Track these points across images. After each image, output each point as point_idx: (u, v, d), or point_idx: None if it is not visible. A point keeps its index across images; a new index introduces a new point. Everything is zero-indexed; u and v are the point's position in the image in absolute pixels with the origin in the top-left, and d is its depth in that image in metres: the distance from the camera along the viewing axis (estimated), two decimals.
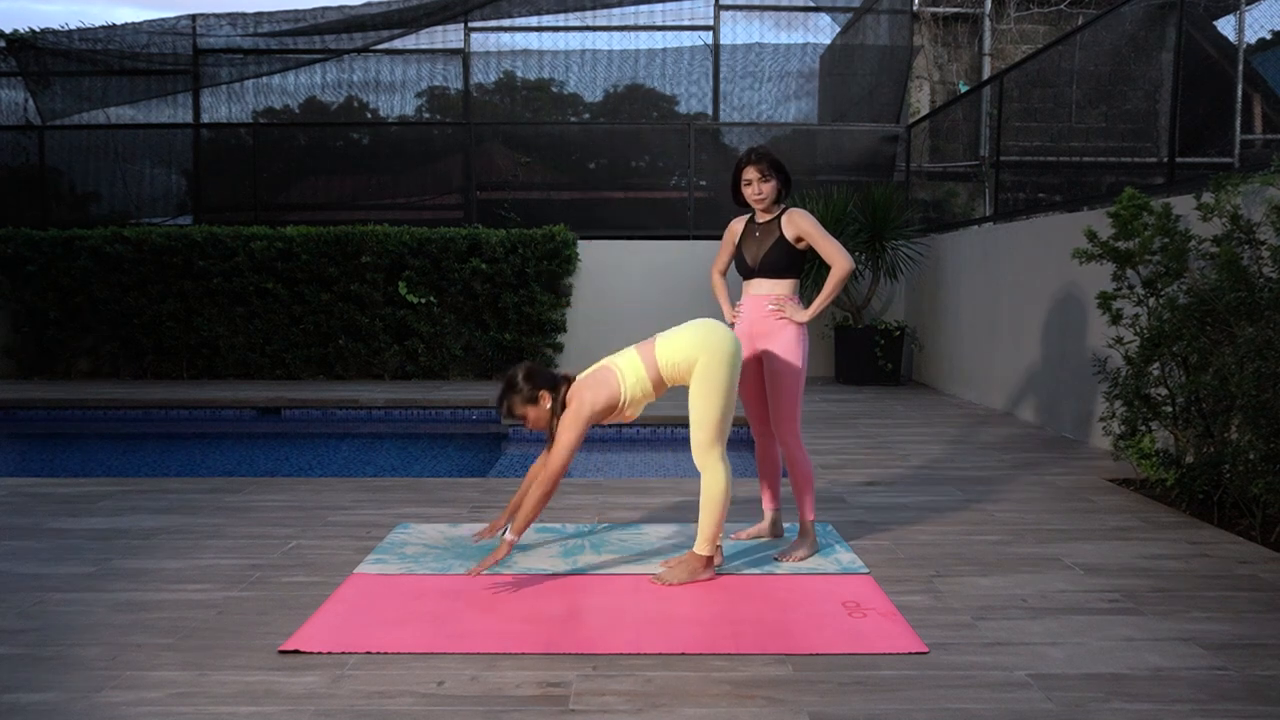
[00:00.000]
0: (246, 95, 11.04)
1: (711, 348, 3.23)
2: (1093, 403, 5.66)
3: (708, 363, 3.22)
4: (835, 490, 4.70)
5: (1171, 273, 4.39)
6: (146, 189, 10.68)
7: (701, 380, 3.23)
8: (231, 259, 9.24)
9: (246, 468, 6.15)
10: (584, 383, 3.29)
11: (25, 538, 3.86)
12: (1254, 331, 3.79)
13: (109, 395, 8.06)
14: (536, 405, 3.30)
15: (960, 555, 3.64)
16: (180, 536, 3.89)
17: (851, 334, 9.12)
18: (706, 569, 3.32)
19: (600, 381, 3.27)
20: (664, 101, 11.33)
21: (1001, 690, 2.48)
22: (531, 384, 3.31)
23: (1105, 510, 4.30)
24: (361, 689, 2.48)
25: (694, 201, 10.22)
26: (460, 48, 10.88)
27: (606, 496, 4.58)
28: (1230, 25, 6.48)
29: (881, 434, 6.30)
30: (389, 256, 9.21)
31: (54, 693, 2.46)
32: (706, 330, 3.29)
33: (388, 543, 3.78)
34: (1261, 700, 2.44)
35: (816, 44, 11.15)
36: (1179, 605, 3.09)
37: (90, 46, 10.77)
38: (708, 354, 3.23)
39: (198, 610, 3.04)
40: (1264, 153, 6.30)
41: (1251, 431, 3.76)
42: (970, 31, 11.03)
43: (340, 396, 7.99)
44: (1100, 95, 7.26)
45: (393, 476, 5.63)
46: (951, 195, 10.20)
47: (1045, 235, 6.53)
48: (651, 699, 2.43)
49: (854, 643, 2.78)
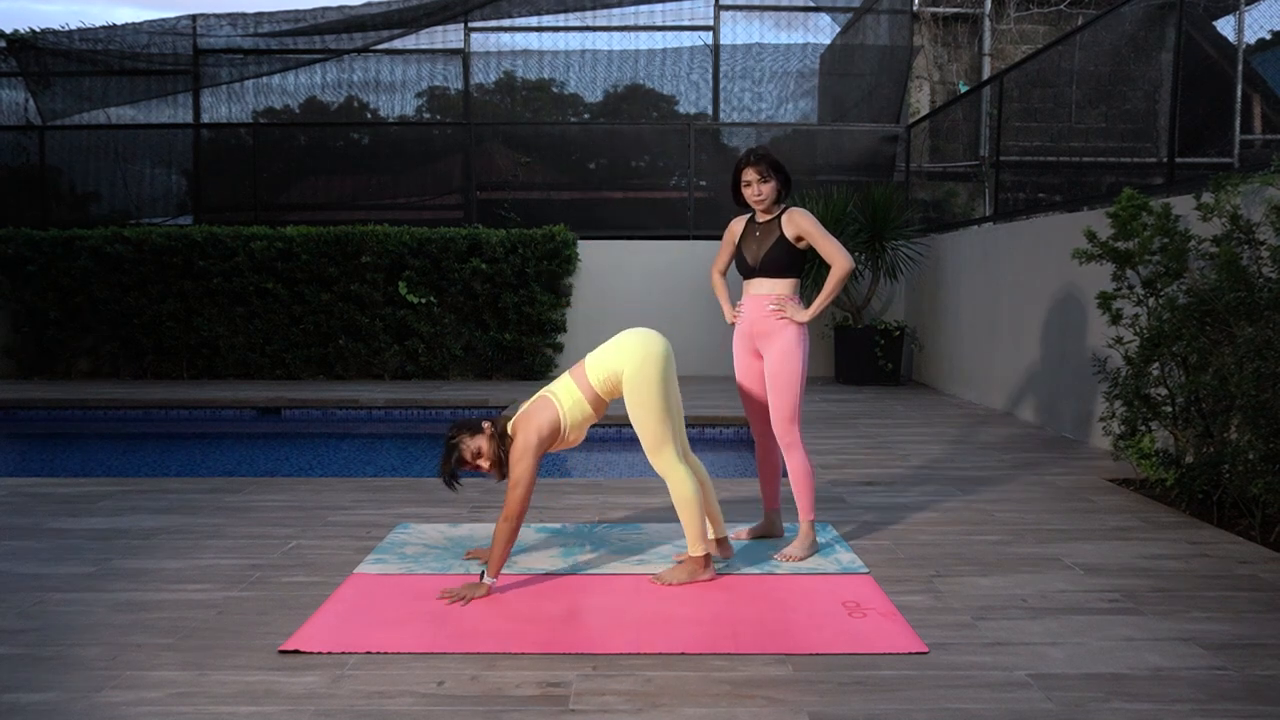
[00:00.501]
0: (246, 95, 11.04)
1: (634, 356, 3.22)
2: (1093, 403, 5.66)
3: (632, 373, 3.21)
4: (835, 490, 4.70)
5: (1171, 273, 4.39)
6: (146, 189, 10.69)
7: (631, 391, 3.22)
8: (231, 259, 9.25)
9: (246, 468, 6.15)
10: (526, 414, 3.27)
11: (25, 538, 3.86)
12: (1253, 331, 3.79)
13: (109, 395, 8.07)
14: (481, 433, 3.25)
15: (960, 555, 3.64)
16: (180, 536, 3.89)
17: (851, 334, 9.12)
18: (706, 569, 3.32)
19: (541, 408, 3.26)
20: (664, 101, 11.33)
21: (1001, 690, 2.48)
22: (465, 425, 3.29)
23: (1105, 510, 4.30)
24: (361, 689, 2.48)
25: (694, 201, 10.22)
26: (460, 48, 10.88)
27: (606, 496, 4.58)
28: (1230, 25, 6.48)
29: (881, 434, 6.30)
30: (389, 256, 9.21)
31: (54, 693, 2.46)
32: (629, 340, 3.28)
33: (388, 543, 3.78)
34: (1261, 700, 2.44)
35: (816, 44, 11.15)
36: (1179, 605, 3.10)
37: (90, 47, 10.78)
38: (632, 364, 3.22)
39: (198, 610, 3.04)
40: (1263, 153, 6.30)
41: (1251, 431, 3.77)
42: (970, 31, 11.03)
43: (340, 396, 7.99)
44: (1100, 95, 7.26)
45: (393, 476, 5.64)
46: (951, 195, 10.20)
47: (1045, 235, 6.54)
48: (651, 699, 2.43)
49: (854, 643, 2.78)
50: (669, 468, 3.27)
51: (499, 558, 3.15)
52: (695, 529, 3.28)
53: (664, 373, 3.24)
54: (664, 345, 3.30)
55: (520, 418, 3.27)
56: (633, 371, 3.22)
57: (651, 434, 3.25)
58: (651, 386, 3.21)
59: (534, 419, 3.23)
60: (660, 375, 3.23)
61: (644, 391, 3.21)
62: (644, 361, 3.22)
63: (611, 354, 3.28)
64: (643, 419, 3.24)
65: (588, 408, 3.29)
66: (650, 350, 3.24)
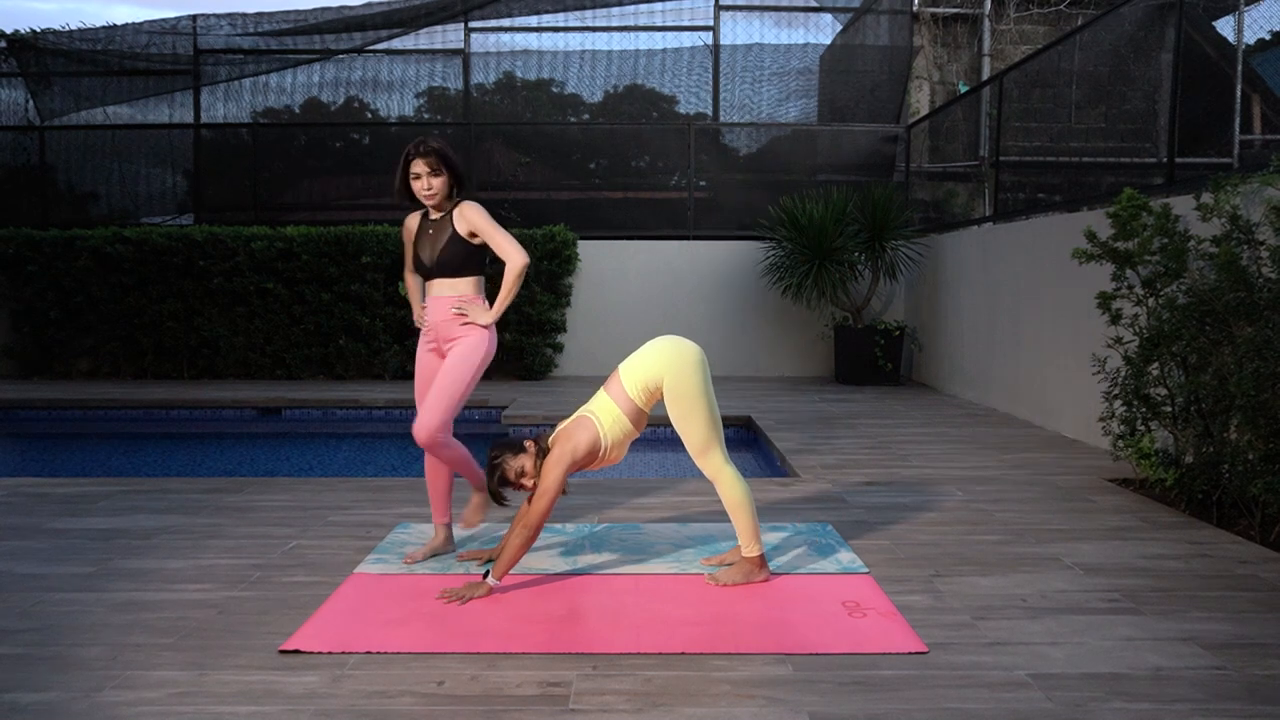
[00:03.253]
0: (246, 95, 11.05)
1: (671, 364, 3.21)
2: (1093, 403, 5.66)
3: (673, 381, 3.20)
4: (835, 490, 4.70)
5: (1171, 273, 4.39)
6: (146, 189, 10.69)
7: (675, 400, 3.21)
8: (231, 259, 9.25)
9: (246, 468, 6.15)
10: (565, 431, 3.26)
11: (25, 538, 3.86)
12: (1253, 331, 3.79)
13: (109, 395, 8.07)
14: (524, 452, 3.26)
15: (960, 555, 3.64)
16: (180, 536, 3.89)
17: (851, 334, 9.12)
18: (761, 569, 3.31)
19: (581, 426, 3.25)
20: (664, 101, 11.33)
21: (1001, 690, 2.48)
22: (508, 445, 3.30)
23: (1105, 510, 4.30)
24: (361, 689, 2.48)
25: (694, 201, 10.22)
26: (460, 48, 10.88)
27: (606, 496, 4.58)
28: (1229, 25, 6.48)
29: (881, 434, 6.30)
30: (389, 256, 9.21)
31: (54, 693, 2.46)
32: (664, 348, 3.26)
33: (388, 543, 3.78)
34: (1261, 700, 2.44)
35: (816, 44, 11.15)
36: (1179, 605, 3.10)
37: (90, 46, 10.78)
38: (671, 371, 3.20)
39: (198, 610, 3.04)
40: (1263, 153, 6.30)
41: (1251, 431, 3.77)
42: (970, 32, 11.03)
43: (340, 396, 7.99)
44: (1100, 95, 7.26)
45: (393, 476, 5.63)
46: (951, 195, 10.20)
47: (1045, 235, 6.54)
48: (651, 699, 2.43)
49: (854, 642, 2.78)
50: (718, 470, 3.27)
51: (508, 562, 3.14)
52: (748, 529, 3.27)
53: (703, 377, 3.24)
54: (698, 350, 3.29)
55: (560, 434, 3.26)
56: (673, 379, 3.20)
57: (698, 438, 3.24)
58: (693, 392, 3.20)
59: (573, 437, 3.21)
60: (701, 380, 3.22)
61: (687, 398, 3.20)
62: (683, 368, 3.21)
63: (648, 363, 3.25)
64: (687, 425, 3.23)
65: (628, 424, 3.26)
66: (686, 357, 3.23)
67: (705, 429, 3.23)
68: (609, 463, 3.33)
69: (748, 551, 3.29)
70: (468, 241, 3.48)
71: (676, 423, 3.25)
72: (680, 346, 3.26)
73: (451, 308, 3.48)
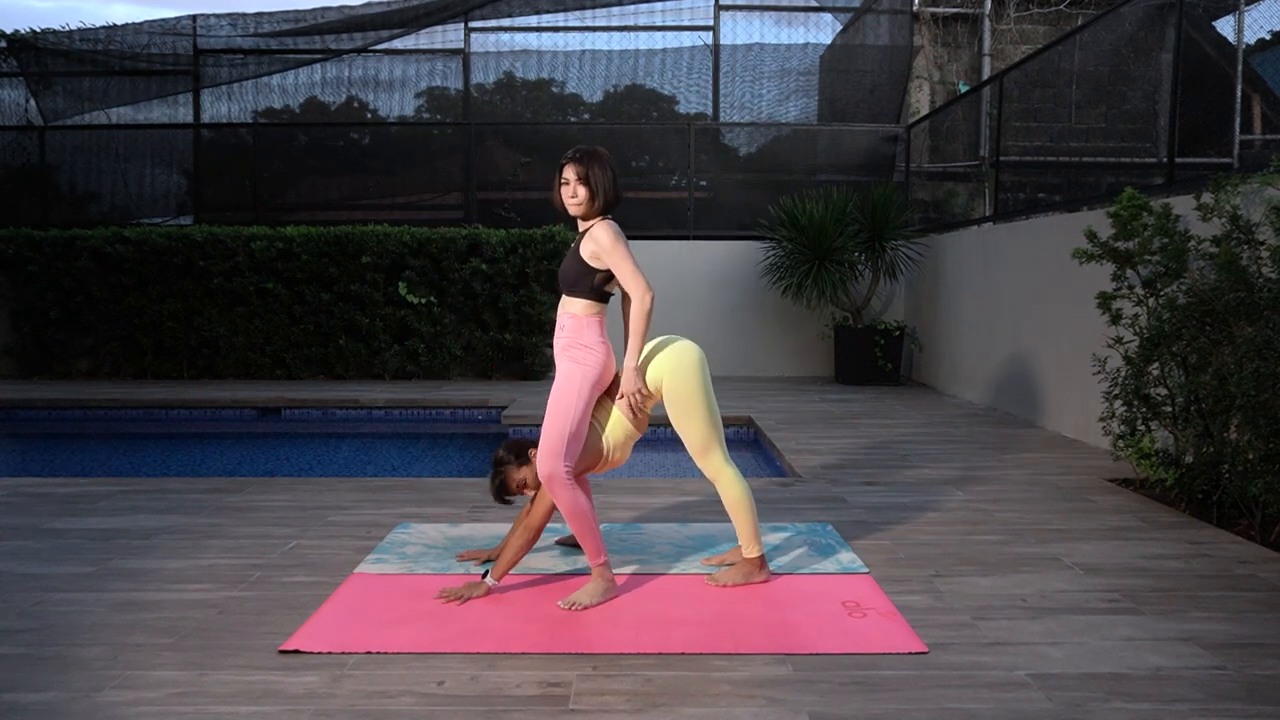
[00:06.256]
0: (246, 95, 11.05)
1: (671, 365, 3.20)
2: (1093, 403, 5.66)
3: (673, 382, 3.19)
4: (835, 490, 4.70)
5: (1171, 273, 4.39)
6: (147, 189, 10.69)
7: (674, 400, 3.21)
8: (231, 259, 9.24)
9: (246, 468, 6.15)
10: None
11: (25, 538, 3.86)
12: (1253, 331, 3.79)
13: (109, 395, 8.06)
14: (529, 463, 3.27)
15: (960, 555, 3.64)
16: (180, 536, 3.89)
17: (851, 334, 9.12)
18: (761, 570, 3.31)
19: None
20: (664, 101, 11.34)
21: (1001, 690, 2.48)
22: (514, 449, 3.32)
23: (1105, 510, 4.30)
24: (361, 689, 2.48)
25: (694, 201, 10.22)
26: (460, 48, 10.89)
27: (606, 496, 4.58)
28: (1230, 25, 6.48)
29: (881, 434, 6.30)
30: (389, 256, 9.21)
31: (54, 693, 2.46)
32: (663, 349, 3.25)
33: (388, 543, 3.78)
34: (1261, 700, 2.44)
35: (816, 44, 11.16)
36: (1179, 605, 3.10)
37: (91, 47, 10.79)
38: (670, 372, 3.20)
39: (198, 610, 3.04)
40: (1263, 153, 6.29)
41: (1251, 431, 3.77)
42: (970, 31, 11.03)
43: (340, 396, 7.99)
44: (1100, 95, 7.25)
45: (393, 476, 5.63)
46: (951, 195, 10.20)
47: (1045, 235, 6.54)
48: (651, 699, 2.43)
49: (854, 643, 2.78)
50: (718, 470, 3.27)
51: (509, 563, 3.15)
52: (749, 530, 3.27)
53: (703, 378, 3.23)
54: (698, 350, 3.28)
55: None
56: (673, 380, 3.20)
57: (698, 439, 3.24)
58: (693, 392, 3.20)
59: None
60: (701, 380, 3.21)
61: (687, 398, 3.20)
62: (683, 369, 3.20)
63: (648, 363, 3.24)
64: (687, 425, 3.23)
65: (629, 424, 3.26)
66: (686, 357, 3.22)
67: (705, 429, 3.23)
68: (613, 464, 3.33)
69: (748, 552, 3.29)
70: (585, 262, 3.18)
71: (676, 423, 3.25)
72: (680, 347, 3.26)
73: (559, 335, 3.25)
